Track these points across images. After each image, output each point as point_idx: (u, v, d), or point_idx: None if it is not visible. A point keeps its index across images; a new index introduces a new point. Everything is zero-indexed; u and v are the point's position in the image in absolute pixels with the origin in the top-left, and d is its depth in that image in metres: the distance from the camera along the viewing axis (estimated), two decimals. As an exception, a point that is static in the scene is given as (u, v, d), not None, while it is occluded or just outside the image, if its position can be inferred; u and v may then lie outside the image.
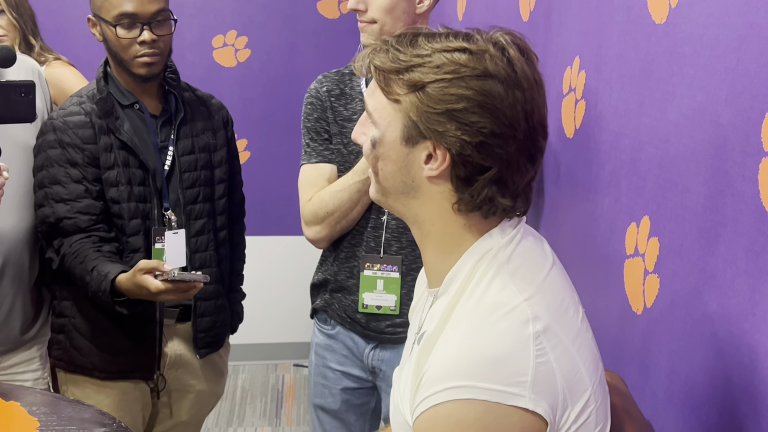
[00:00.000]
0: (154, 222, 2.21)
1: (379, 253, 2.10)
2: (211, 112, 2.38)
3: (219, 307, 2.38)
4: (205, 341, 2.36)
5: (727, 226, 1.31)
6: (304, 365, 4.69)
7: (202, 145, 2.31)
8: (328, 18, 4.46)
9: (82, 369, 2.28)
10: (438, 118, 1.15)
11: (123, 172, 2.16)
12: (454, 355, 1.13)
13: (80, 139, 2.14)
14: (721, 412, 1.33)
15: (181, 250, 2.25)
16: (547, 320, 1.14)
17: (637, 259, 1.64)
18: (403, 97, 1.18)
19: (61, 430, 1.68)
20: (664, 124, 1.53)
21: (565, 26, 2.10)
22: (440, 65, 1.15)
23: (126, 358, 2.27)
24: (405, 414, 1.26)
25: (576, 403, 1.15)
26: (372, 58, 1.22)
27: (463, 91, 1.14)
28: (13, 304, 2.22)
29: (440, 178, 1.19)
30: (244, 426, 4.02)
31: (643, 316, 1.62)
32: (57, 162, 2.14)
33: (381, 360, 2.16)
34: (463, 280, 1.21)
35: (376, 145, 1.23)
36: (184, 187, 2.27)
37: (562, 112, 2.08)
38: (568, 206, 2.05)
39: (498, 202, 1.19)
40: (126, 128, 2.19)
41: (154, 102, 2.27)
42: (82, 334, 2.27)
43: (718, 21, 1.35)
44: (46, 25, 4.28)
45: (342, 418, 2.25)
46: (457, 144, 1.15)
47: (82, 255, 2.10)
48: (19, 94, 1.88)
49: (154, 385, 2.34)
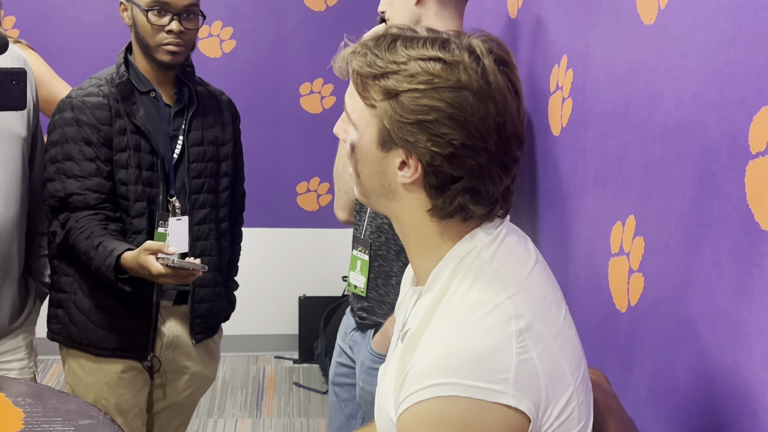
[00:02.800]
0: (159, 207, 2.28)
1: (360, 235, 2.13)
2: (221, 107, 2.46)
3: (216, 295, 2.44)
4: (202, 327, 2.43)
5: (712, 227, 1.32)
6: (285, 357, 4.69)
7: (211, 138, 2.38)
8: (314, 10, 4.46)
9: (78, 344, 2.32)
10: (409, 128, 1.16)
11: (134, 155, 2.23)
12: (438, 353, 1.14)
13: (97, 119, 2.21)
14: (702, 411, 1.35)
15: (183, 237, 2.32)
16: (529, 318, 1.15)
17: (621, 257, 1.66)
18: (378, 103, 1.18)
19: (46, 421, 1.67)
20: (651, 125, 1.54)
21: (553, 25, 2.11)
22: (414, 74, 1.15)
23: (121, 336, 2.31)
24: (389, 411, 1.26)
25: (558, 399, 1.16)
26: (350, 60, 1.22)
27: (435, 103, 1.14)
28: (1, 293, 2.21)
29: (414, 185, 1.20)
30: (225, 417, 4.02)
31: (626, 315, 1.63)
32: (72, 139, 2.21)
33: (354, 341, 2.20)
34: (446, 279, 1.22)
35: (354, 148, 1.24)
36: (191, 176, 2.33)
37: (549, 110, 2.09)
38: (554, 204, 2.06)
39: (470, 210, 1.19)
40: (141, 114, 2.26)
41: (170, 92, 2.34)
42: (81, 309, 2.30)
43: (707, 24, 1.36)
44: (30, 12, 4.26)
45: (336, 391, 2.30)
46: (428, 155, 1.16)
47: (89, 231, 2.15)
48: (10, 82, 1.87)
49: (150, 366, 2.38)
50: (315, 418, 4.07)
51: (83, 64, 4.38)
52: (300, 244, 4.60)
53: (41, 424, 1.67)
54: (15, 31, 4.12)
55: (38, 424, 1.67)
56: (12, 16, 4.27)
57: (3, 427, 1.65)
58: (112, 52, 4.30)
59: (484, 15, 2.74)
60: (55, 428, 1.66)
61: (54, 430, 1.65)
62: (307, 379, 4.46)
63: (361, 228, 2.13)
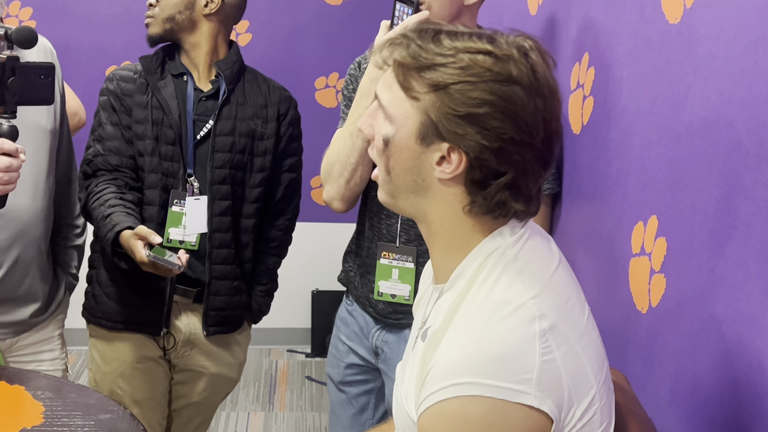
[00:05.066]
0: (179, 184, 2.33)
1: (395, 243, 2.10)
2: (269, 102, 2.44)
3: (234, 289, 2.42)
4: (216, 319, 2.41)
5: (738, 229, 1.31)
6: (298, 351, 4.70)
7: (244, 130, 2.37)
8: (330, 4, 4.45)
9: (95, 318, 2.41)
10: (459, 121, 1.14)
11: (152, 128, 2.31)
12: (460, 352, 1.13)
13: (121, 90, 2.34)
14: (726, 413, 1.34)
15: (202, 217, 2.33)
16: (553, 318, 1.14)
17: (643, 258, 1.65)
18: (422, 95, 1.16)
19: (66, 415, 1.68)
20: (676, 124, 1.53)
21: (574, 22, 2.09)
22: (464, 67, 1.14)
23: (135, 310, 2.36)
24: (409, 410, 1.26)
25: (581, 401, 1.15)
26: (392, 51, 1.20)
27: (486, 96, 1.13)
28: (31, 282, 2.24)
29: (453, 180, 1.19)
30: (237, 410, 4.03)
31: (647, 316, 1.62)
32: (102, 107, 2.36)
33: (384, 341, 2.17)
34: (469, 277, 1.21)
35: (389, 143, 1.21)
36: (214, 166, 2.34)
37: (569, 108, 2.08)
38: (574, 203, 2.05)
39: (510, 206, 1.19)
40: (167, 92, 2.33)
41: (205, 79, 2.39)
42: (100, 283, 2.40)
43: (735, 23, 1.35)
44: (47, 3, 4.27)
45: (344, 390, 2.27)
46: (476, 148, 1.14)
47: (104, 198, 2.24)
48: (39, 77, 1.88)
49: (163, 342, 2.40)
50: (327, 412, 4.07)
51: (99, 56, 4.39)
52: (313, 238, 4.59)
53: (61, 418, 1.67)
54: (32, 23, 4.14)
55: (58, 418, 1.67)
56: (29, 8, 4.28)
57: (23, 420, 1.65)
58: (128, 44, 4.35)
59: (504, 11, 2.72)
60: (75, 422, 1.66)
61: (74, 424, 1.66)
62: (320, 373, 4.46)
63: (395, 236, 2.11)
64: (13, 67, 1.81)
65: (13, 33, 1.82)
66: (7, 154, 1.85)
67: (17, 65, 1.82)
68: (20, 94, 1.83)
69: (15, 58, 1.82)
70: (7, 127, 1.85)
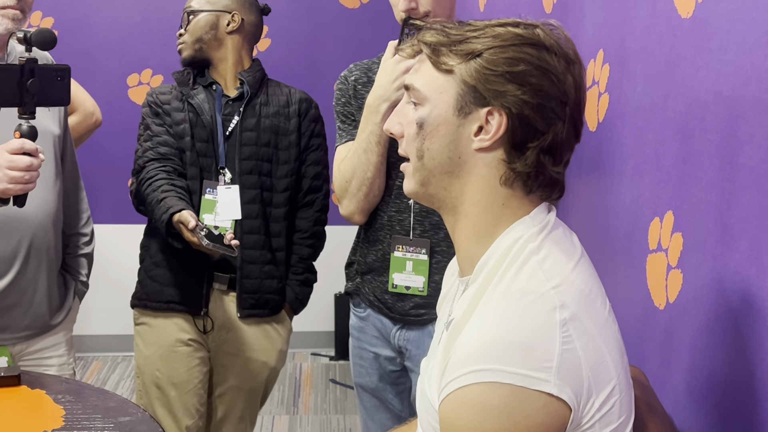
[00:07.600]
0: (211, 176, 2.57)
1: (408, 236, 2.12)
2: (290, 101, 2.69)
3: (265, 273, 2.62)
4: (249, 302, 2.61)
5: (752, 222, 1.31)
6: (322, 354, 4.71)
7: (267, 125, 2.62)
8: (348, 8, 4.46)
9: (141, 301, 2.64)
10: (498, 79, 1.18)
11: (188, 127, 2.57)
12: (481, 339, 1.14)
13: (160, 100, 2.63)
14: (743, 408, 1.33)
15: (234, 204, 2.55)
16: (574, 308, 1.15)
17: (660, 254, 1.64)
18: (457, 66, 1.21)
19: (86, 418, 1.70)
20: (689, 119, 1.53)
21: (589, 18, 2.09)
22: (495, 36, 1.20)
23: (176, 290, 2.58)
24: (432, 399, 1.27)
25: (600, 391, 1.15)
26: (422, 36, 1.25)
27: (520, 55, 1.18)
28: (40, 287, 2.27)
29: (491, 148, 1.21)
30: (262, 414, 4.04)
31: (665, 311, 1.62)
32: (146, 115, 2.63)
33: (407, 340, 2.19)
34: (492, 267, 1.22)
35: (424, 124, 1.24)
36: (242, 158, 2.58)
37: (586, 106, 2.08)
38: (590, 200, 2.04)
39: (549, 171, 1.22)
40: (199, 98, 2.60)
41: (231, 87, 2.65)
42: (144, 268, 2.65)
43: (746, 17, 1.34)
44: (68, 13, 4.31)
45: (380, 396, 2.30)
46: (518, 104, 1.18)
47: (157, 184, 2.48)
48: (56, 78, 1.91)
49: (203, 324, 2.59)
50: (351, 415, 4.08)
51: (120, 65, 4.43)
52: (336, 241, 4.59)
53: (81, 421, 1.69)
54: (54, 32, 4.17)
55: (78, 421, 1.69)
56: (50, 17, 4.32)
57: (44, 423, 1.67)
58: (149, 53, 4.39)
59: (520, 9, 2.72)
60: (95, 425, 1.68)
61: (94, 426, 1.68)
62: (344, 376, 4.47)
63: (408, 230, 2.13)
64: (31, 69, 1.85)
65: (33, 35, 1.86)
66: (28, 153, 1.89)
67: (36, 67, 1.85)
68: (39, 95, 1.86)
69: (33, 60, 1.85)
70: (27, 127, 1.89)
